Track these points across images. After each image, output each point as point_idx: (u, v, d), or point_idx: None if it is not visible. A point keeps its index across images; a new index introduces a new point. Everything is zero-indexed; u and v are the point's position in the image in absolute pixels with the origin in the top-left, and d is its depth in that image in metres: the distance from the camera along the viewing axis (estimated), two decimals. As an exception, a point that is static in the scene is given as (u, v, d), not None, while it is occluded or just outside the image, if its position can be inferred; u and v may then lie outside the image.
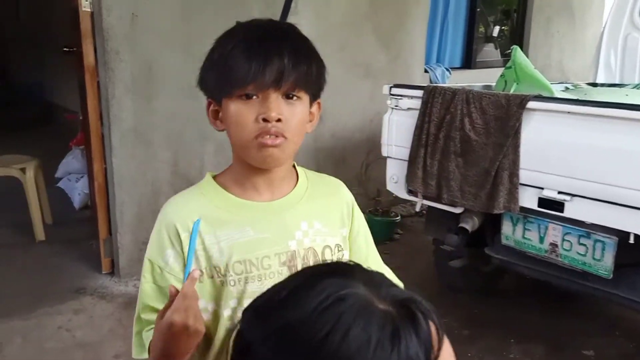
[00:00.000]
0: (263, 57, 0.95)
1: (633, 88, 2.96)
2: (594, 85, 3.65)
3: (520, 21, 6.04)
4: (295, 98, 1.00)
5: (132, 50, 3.10)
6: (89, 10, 3.03)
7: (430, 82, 4.72)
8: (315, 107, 1.09)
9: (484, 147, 2.44)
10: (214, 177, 1.10)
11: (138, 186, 3.30)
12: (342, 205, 1.16)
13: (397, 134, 2.82)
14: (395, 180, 2.85)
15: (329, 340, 0.55)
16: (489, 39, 5.92)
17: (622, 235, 2.13)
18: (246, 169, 1.05)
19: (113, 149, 3.14)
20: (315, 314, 0.56)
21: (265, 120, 0.97)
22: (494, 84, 3.09)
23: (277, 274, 1.05)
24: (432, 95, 2.65)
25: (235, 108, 0.99)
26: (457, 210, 2.62)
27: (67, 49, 3.54)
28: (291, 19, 3.02)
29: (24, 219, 3.90)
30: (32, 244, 3.85)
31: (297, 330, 0.57)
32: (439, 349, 0.62)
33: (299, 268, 1.05)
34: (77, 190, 4.55)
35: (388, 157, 2.88)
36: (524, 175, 2.35)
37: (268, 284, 0.99)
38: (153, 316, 0.99)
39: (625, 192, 2.06)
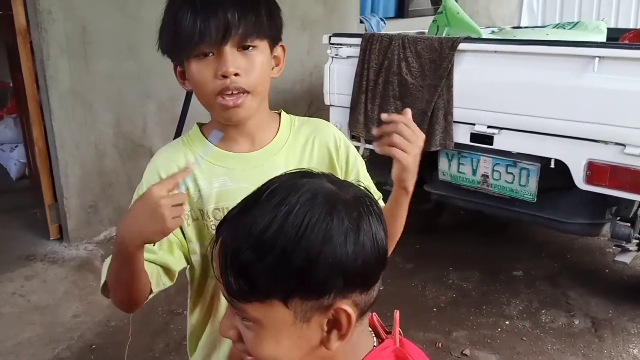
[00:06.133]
0: (206, 13, 0.92)
1: (553, 28, 3.18)
2: (518, 28, 3.87)
3: (449, -30, 6.20)
4: (251, 48, 0.97)
5: (65, 10, 3.01)
6: (17, -31, 2.91)
7: (366, 32, 4.82)
8: (279, 50, 1.05)
9: (420, 90, 2.59)
10: (201, 127, 1.10)
11: (81, 148, 3.26)
12: (327, 146, 1.11)
13: (338, 82, 2.92)
14: (338, 127, 2.95)
15: (309, 229, 0.65)
16: (419, -12, 6.06)
17: (544, 161, 2.36)
18: (221, 122, 1.04)
19: (52, 112, 3.08)
20: (296, 209, 0.66)
21: (223, 76, 0.95)
22: (426, 31, 3.23)
23: None
24: (370, 42, 2.76)
25: (194, 68, 0.97)
26: (398, 151, 2.78)
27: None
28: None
29: (-40, 192, 3.79)
30: (-28, 216, 3.75)
31: (280, 228, 0.65)
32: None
33: None
34: (12, 160, 4.40)
35: (331, 105, 2.99)
36: (457, 113, 2.53)
37: None
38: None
39: (546, 121, 2.28)
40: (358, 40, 2.81)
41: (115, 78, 3.33)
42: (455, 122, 2.55)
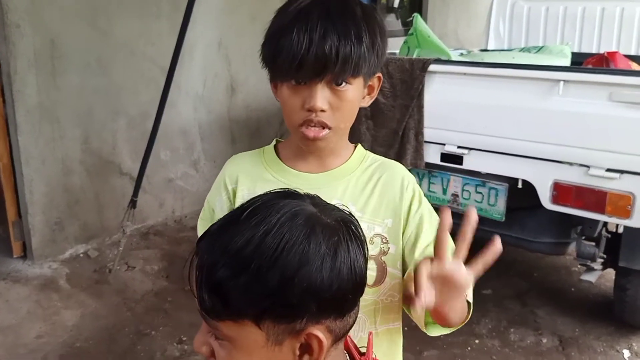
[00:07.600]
0: (308, 44, 0.90)
1: (519, 51, 3.27)
2: (485, 51, 3.97)
3: (419, -8, 6.34)
4: (344, 84, 0.96)
5: (34, 24, 2.97)
6: (-17, -19, 2.86)
7: (338, 52, 4.86)
8: (375, 80, 1.05)
9: (391, 109, 2.63)
10: (277, 144, 1.12)
11: (47, 164, 3.19)
12: (391, 189, 1.07)
13: (310, 101, 2.93)
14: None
15: (285, 250, 0.64)
16: (390, 9, 6.17)
17: (512, 182, 2.41)
18: (296, 142, 1.06)
19: (18, 127, 3.01)
20: (275, 229, 0.65)
21: (309, 110, 0.95)
22: (397, 51, 3.28)
23: None
24: (341, 62, 2.78)
25: (286, 92, 0.98)
26: (369, 170, 2.80)
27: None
28: (199, -11, 3.02)
29: None
30: None
31: (257, 248, 0.65)
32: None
33: None
34: (-25, 175, 4.28)
35: (303, 123, 3.00)
36: (427, 133, 2.58)
37: None
38: None
39: (514, 142, 2.33)
40: (331, 60, 2.83)
41: (84, 93, 3.29)
42: (426, 142, 2.58)
